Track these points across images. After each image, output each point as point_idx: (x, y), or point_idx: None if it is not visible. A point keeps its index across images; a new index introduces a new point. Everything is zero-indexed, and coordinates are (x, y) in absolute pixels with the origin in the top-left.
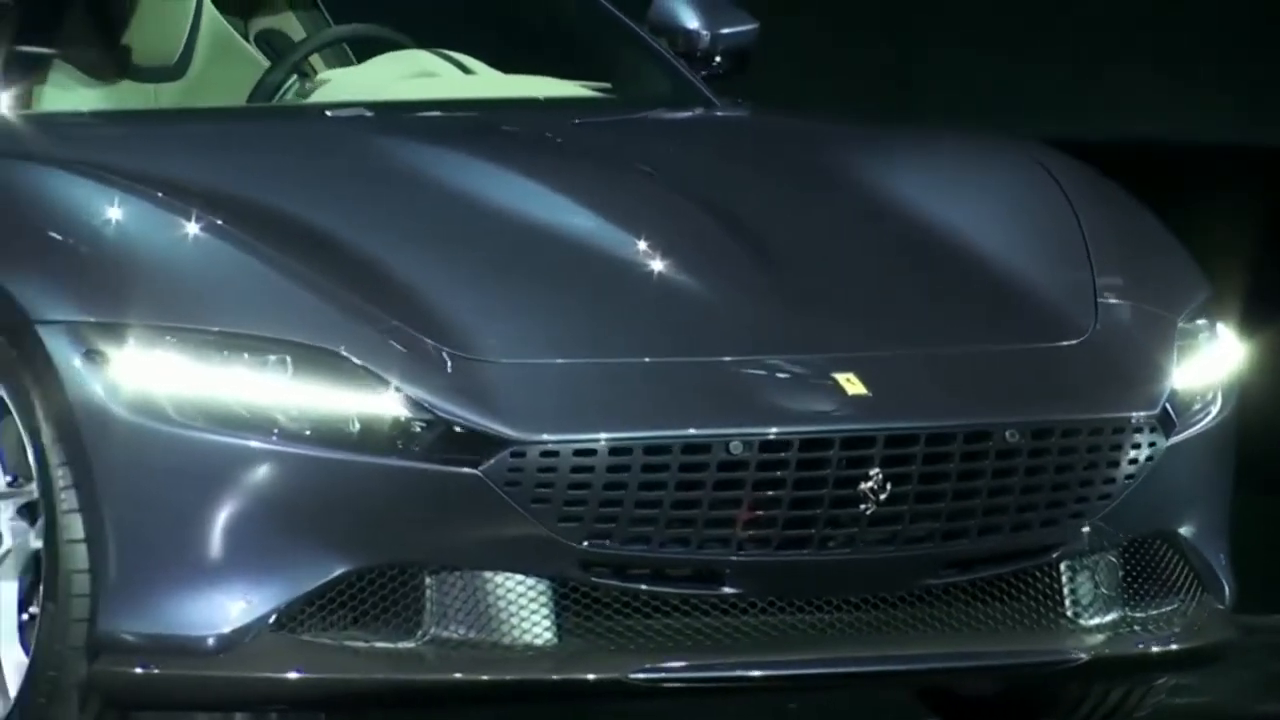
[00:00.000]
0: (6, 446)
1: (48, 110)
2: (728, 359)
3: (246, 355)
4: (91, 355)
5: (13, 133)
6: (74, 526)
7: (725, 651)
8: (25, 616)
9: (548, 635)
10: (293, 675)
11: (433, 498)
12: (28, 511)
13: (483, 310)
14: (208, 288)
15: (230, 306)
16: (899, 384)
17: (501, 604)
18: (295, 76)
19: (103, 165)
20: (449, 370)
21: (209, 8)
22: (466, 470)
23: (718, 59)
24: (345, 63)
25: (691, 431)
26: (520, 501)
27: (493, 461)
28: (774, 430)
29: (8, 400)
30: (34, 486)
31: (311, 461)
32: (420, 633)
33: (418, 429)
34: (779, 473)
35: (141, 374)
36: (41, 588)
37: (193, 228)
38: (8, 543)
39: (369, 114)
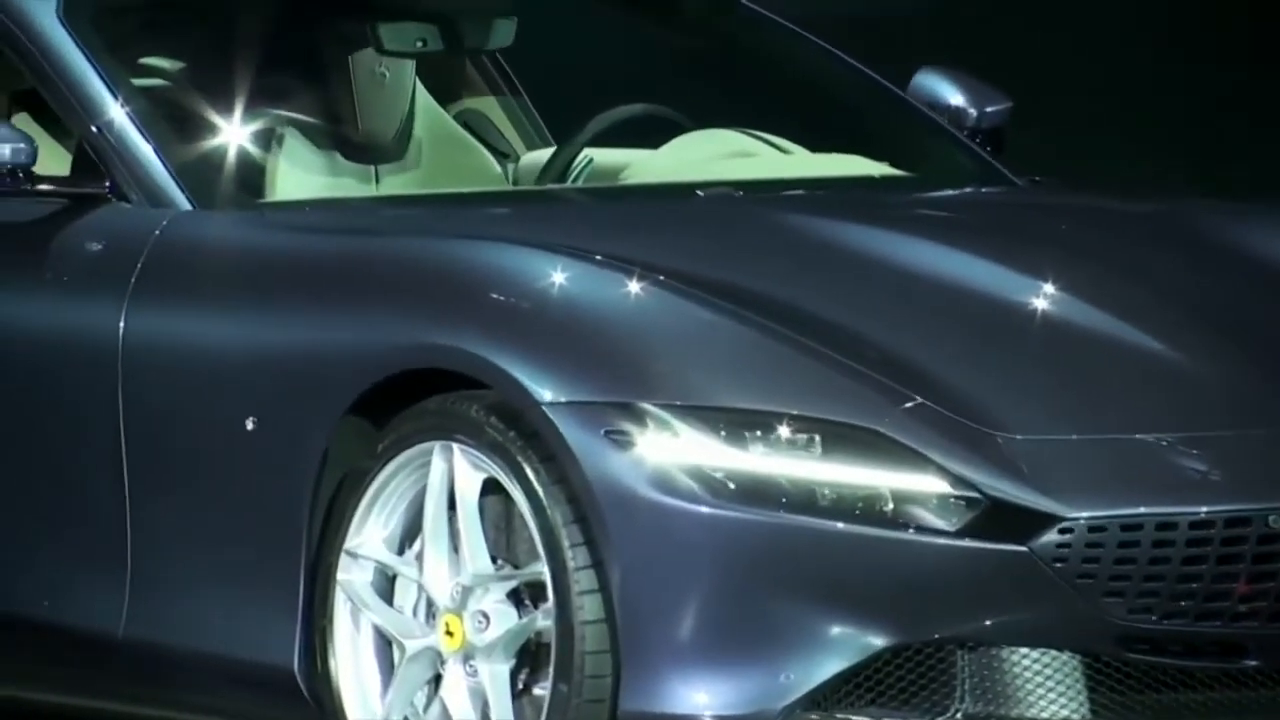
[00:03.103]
0: (489, 528)
1: (444, 190)
2: (1239, 433)
3: (775, 433)
4: (612, 436)
5: (440, 212)
6: (591, 607)
7: None
8: None
9: (1081, 711)
10: None
11: (975, 574)
12: (514, 595)
13: (996, 387)
14: (727, 366)
15: (753, 384)
16: None
17: (1036, 680)
18: (589, 159)
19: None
20: (989, 447)
21: (422, 90)
22: (1013, 547)
23: (979, 137)
24: (537, 142)
25: (1234, 506)
26: (1066, 578)
27: (1041, 538)
28: None
29: (505, 481)
30: (540, 567)
31: (849, 539)
32: (953, 710)
33: (960, 506)
34: None
35: (666, 453)
36: (551, 669)
37: (692, 306)
38: (498, 627)
39: (738, 193)
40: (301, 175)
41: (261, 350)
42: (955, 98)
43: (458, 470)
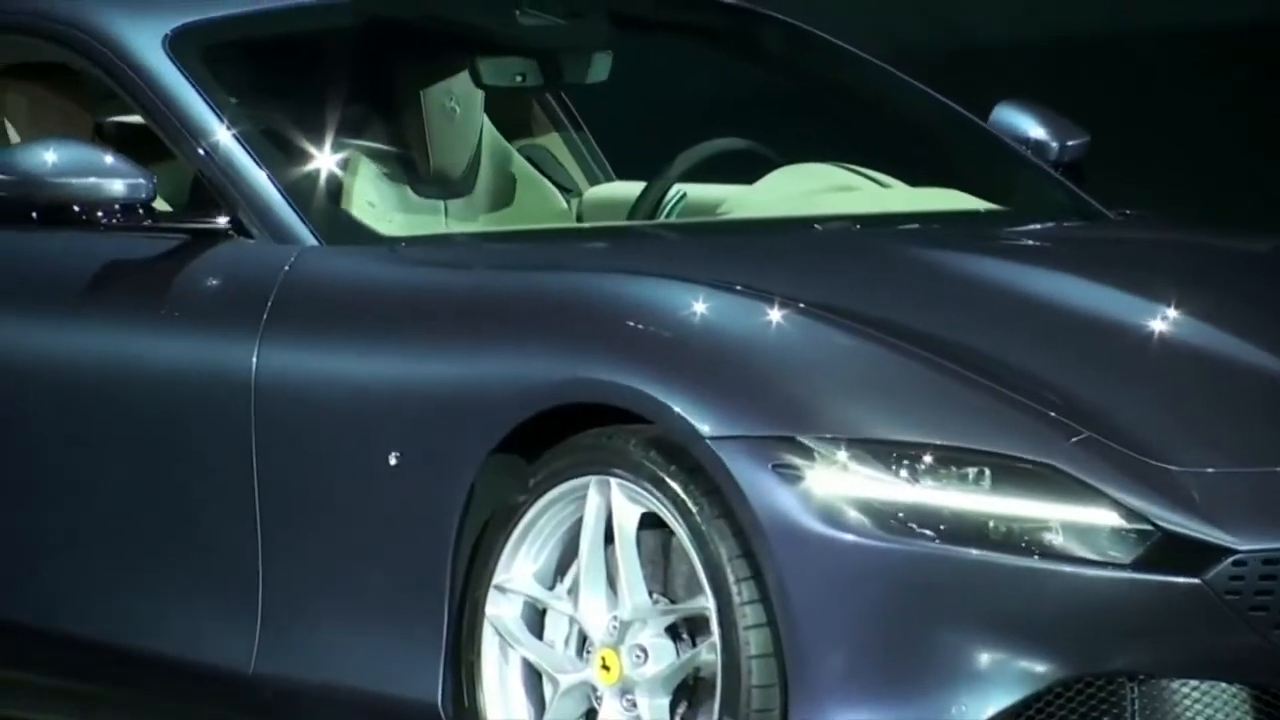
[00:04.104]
0: (644, 562)
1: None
2: None
3: (943, 466)
4: (779, 470)
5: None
6: (758, 641)
7: None
8: None
9: None
10: None
11: (1146, 607)
12: (671, 628)
13: (1156, 419)
14: (892, 398)
15: (919, 417)
16: None
17: (1205, 712)
18: (683, 193)
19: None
20: (1161, 480)
21: (489, 125)
22: (1187, 580)
23: (1059, 170)
24: (600, 177)
25: None
26: (1238, 610)
27: (1215, 571)
28: None
29: (666, 515)
30: (704, 601)
31: (1020, 571)
32: None
33: (1132, 539)
34: None
35: (834, 486)
36: (717, 704)
37: (850, 338)
38: (657, 661)
39: (856, 227)
40: (378, 210)
41: (406, 386)
42: (1036, 131)
43: (615, 505)
